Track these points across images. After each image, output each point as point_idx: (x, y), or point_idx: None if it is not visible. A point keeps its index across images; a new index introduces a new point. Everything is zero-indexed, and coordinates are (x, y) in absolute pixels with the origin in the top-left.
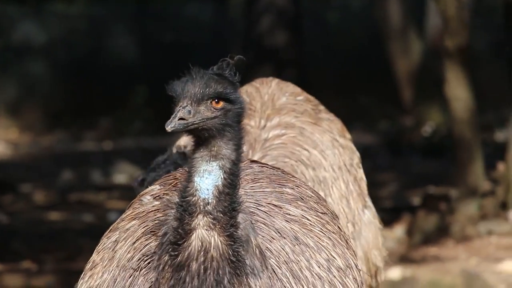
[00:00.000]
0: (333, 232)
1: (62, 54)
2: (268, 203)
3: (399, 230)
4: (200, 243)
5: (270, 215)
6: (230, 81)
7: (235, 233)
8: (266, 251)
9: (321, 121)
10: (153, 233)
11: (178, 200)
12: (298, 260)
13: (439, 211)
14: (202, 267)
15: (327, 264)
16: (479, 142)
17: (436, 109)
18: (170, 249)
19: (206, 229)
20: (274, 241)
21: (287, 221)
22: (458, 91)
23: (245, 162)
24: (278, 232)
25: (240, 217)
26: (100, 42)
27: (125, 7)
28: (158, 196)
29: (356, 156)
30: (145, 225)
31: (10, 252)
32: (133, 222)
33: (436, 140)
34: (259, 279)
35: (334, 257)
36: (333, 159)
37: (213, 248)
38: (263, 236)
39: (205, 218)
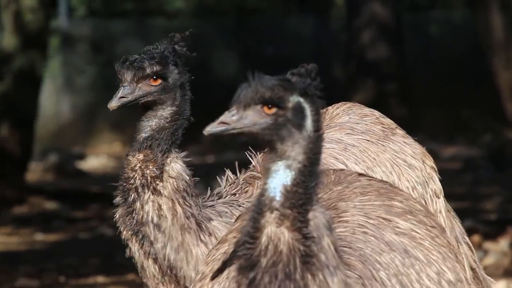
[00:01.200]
0: (442, 246)
1: None
2: (378, 216)
3: (503, 243)
4: (269, 239)
5: (380, 228)
6: (287, 86)
7: (305, 229)
8: (376, 263)
9: (388, 142)
10: None
11: (253, 203)
12: (408, 273)
13: None
14: (272, 262)
15: (437, 278)
16: None
17: None
18: (243, 249)
19: (275, 226)
20: (384, 254)
21: (396, 234)
22: None
23: (353, 175)
24: (388, 245)
25: (311, 215)
26: (201, 56)
27: (226, 21)
28: None
29: (434, 184)
30: None
31: (115, 264)
32: None
33: None
34: (336, 276)
35: (444, 271)
36: (383, 176)
37: (283, 243)
38: (372, 249)
39: (273, 214)
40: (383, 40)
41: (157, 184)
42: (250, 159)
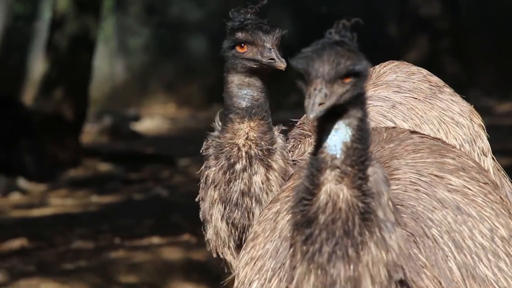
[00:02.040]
0: (495, 202)
1: (218, 29)
2: (430, 174)
3: None
4: (328, 197)
5: (432, 185)
6: (353, 50)
7: (364, 185)
8: (428, 220)
9: (436, 100)
10: None
11: (309, 160)
12: (460, 230)
13: None
14: (330, 219)
15: (490, 234)
16: None
17: None
18: (300, 205)
19: (335, 183)
20: (436, 211)
21: (449, 191)
22: None
23: (405, 133)
24: (440, 202)
25: (370, 170)
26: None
27: None
28: None
29: (482, 142)
30: None
31: (170, 225)
32: None
33: None
34: (393, 232)
35: (497, 227)
36: (431, 134)
37: (342, 200)
38: (425, 206)
39: (333, 172)
40: None
41: (270, 157)
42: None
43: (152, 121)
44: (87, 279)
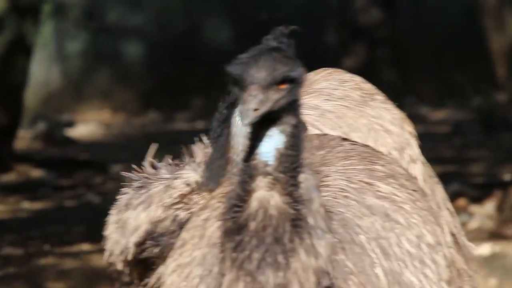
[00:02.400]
0: (423, 209)
1: (156, 34)
2: (359, 180)
3: (489, 206)
4: (259, 203)
5: (361, 192)
6: (289, 56)
7: (295, 192)
8: (356, 227)
9: (366, 107)
10: None
11: (241, 166)
12: (387, 237)
13: None
14: (261, 225)
15: (417, 241)
16: None
17: None
18: (231, 213)
19: (266, 190)
20: (365, 217)
21: (377, 198)
22: None
23: (335, 140)
24: (369, 209)
25: (302, 177)
26: (194, 22)
27: None
28: None
29: (412, 149)
30: None
31: (101, 232)
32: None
33: None
34: (323, 239)
35: (424, 234)
36: (360, 141)
37: (272, 207)
38: (353, 213)
39: (265, 179)
40: (376, 4)
41: None
42: None
43: (86, 127)
44: (15, 286)
